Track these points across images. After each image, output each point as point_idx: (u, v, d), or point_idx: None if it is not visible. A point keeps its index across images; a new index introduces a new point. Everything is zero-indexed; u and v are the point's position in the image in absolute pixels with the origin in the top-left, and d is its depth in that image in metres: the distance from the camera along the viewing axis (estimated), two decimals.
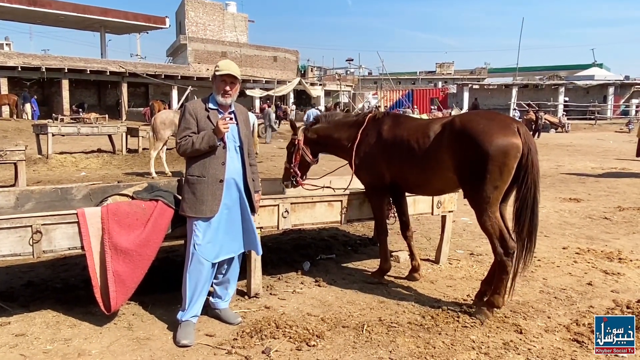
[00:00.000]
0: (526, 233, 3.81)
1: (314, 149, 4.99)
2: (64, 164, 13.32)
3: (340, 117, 5.02)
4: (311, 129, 4.96)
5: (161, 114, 11.80)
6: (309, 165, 5.03)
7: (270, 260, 5.08)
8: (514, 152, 3.63)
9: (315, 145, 4.98)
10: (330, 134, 4.89)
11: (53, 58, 34.12)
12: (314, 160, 5.03)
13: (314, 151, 5.00)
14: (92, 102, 38.37)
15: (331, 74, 52.98)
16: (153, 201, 3.73)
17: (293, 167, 4.95)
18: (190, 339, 3.44)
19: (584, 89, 44.63)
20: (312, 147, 4.97)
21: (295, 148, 4.96)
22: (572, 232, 6.82)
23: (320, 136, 4.93)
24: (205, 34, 43.99)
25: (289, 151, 5.08)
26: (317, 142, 4.95)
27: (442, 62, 65.62)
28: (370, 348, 3.38)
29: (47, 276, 4.74)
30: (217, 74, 3.60)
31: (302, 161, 4.96)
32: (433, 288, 4.58)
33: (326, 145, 4.95)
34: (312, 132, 4.95)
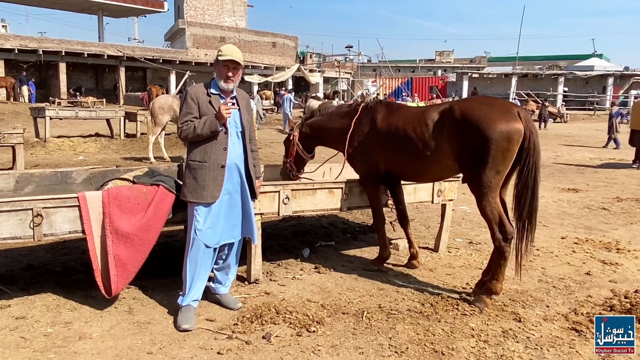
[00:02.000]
0: (526, 215, 3.84)
1: (309, 143, 5.05)
2: (61, 148, 13.26)
3: (333, 109, 5.04)
4: (305, 124, 5.03)
5: (159, 98, 11.74)
6: (304, 160, 5.13)
7: (270, 247, 5.08)
8: (517, 137, 3.64)
9: (311, 140, 5.04)
10: (324, 126, 4.91)
11: (50, 41, 33.81)
12: (309, 157, 5.12)
13: (310, 146, 5.07)
14: (90, 86, 38.10)
15: (330, 61, 52.69)
16: (154, 186, 3.72)
17: (289, 162, 5.07)
18: (191, 323, 3.45)
19: (584, 79, 44.54)
20: (308, 142, 5.03)
21: (291, 144, 5.04)
22: (571, 222, 6.84)
23: (315, 130, 4.98)
24: (203, 19, 43.63)
25: (286, 146, 5.17)
26: (312, 136, 5.01)
27: (441, 50, 65.21)
28: (370, 334, 3.40)
29: (46, 259, 4.73)
30: (220, 59, 3.57)
31: (297, 157, 5.06)
32: (432, 276, 4.60)
33: (321, 138, 5.00)
34: (306, 127, 5.02)
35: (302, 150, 5.01)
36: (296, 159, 5.07)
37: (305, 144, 5.02)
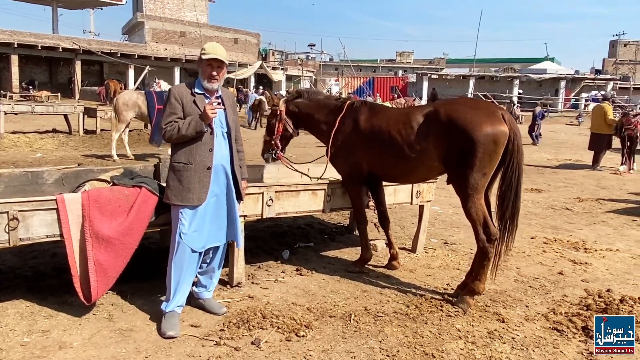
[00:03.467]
0: (509, 215, 3.93)
1: (294, 122, 4.84)
2: (17, 144, 12.70)
3: (322, 98, 4.91)
4: (293, 102, 4.81)
5: (124, 94, 11.39)
6: (290, 137, 4.92)
7: (249, 249, 4.99)
8: (503, 139, 3.71)
9: (295, 119, 4.83)
10: (311, 113, 4.76)
11: (1, 32, 32.30)
12: (295, 132, 4.91)
13: (295, 123, 4.85)
14: (43, 80, 36.70)
15: (293, 59, 52.57)
16: (136, 187, 3.59)
17: (274, 139, 4.80)
18: (176, 330, 3.35)
19: (537, 82, 46.06)
20: (295, 120, 4.83)
21: (277, 119, 4.78)
22: (538, 222, 7.04)
23: (302, 112, 4.79)
24: (163, 13, 42.74)
25: (269, 122, 4.91)
26: (298, 116, 4.82)
27: (402, 51, 66.29)
28: (360, 338, 3.39)
29: (14, 264, 4.50)
30: (204, 57, 3.47)
31: (284, 133, 4.82)
32: (413, 277, 4.64)
33: (306, 122, 4.84)
34: (293, 106, 4.80)
35: (290, 124, 4.78)
36: (283, 136, 4.82)
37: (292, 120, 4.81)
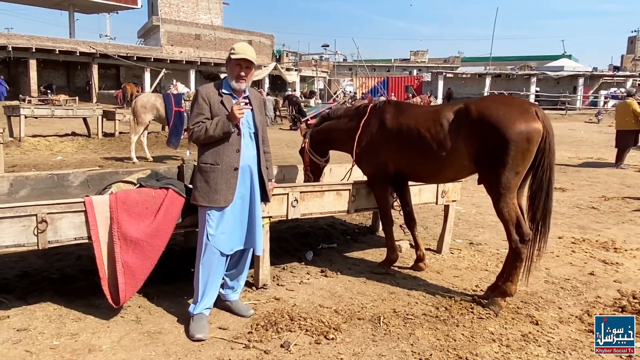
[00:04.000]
0: (540, 216, 3.84)
1: (321, 148, 5.06)
2: (37, 148, 12.82)
3: (342, 111, 5.02)
4: (315, 130, 5.05)
5: (142, 97, 11.44)
6: (320, 166, 5.13)
7: (272, 250, 4.93)
8: (536, 137, 3.61)
9: (322, 144, 5.04)
10: (333, 129, 4.92)
11: (20, 37, 32.76)
12: (323, 161, 5.11)
13: (323, 150, 5.07)
14: (61, 84, 37.08)
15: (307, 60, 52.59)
16: (163, 189, 3.56)
17: (306, 172, 5.16)
18: (205, 332, 3.31)
19: (555, 80, 45.43)
20: (319, 147, 5.05)
21: (304, 152, 5.15)
22: (564, 221, 6.90)
23: (324, 134, 5.00)
24: (178, 16, 42.97)
25: (301, 156, 5.26)
26: (322, 140, 5.03)
27: (416, 50, 66.01)
28: (391, 341, 3.32)
29: (40, 266, 4.51)
30: (232, 57, 3.43)
31: (312, 164, 5.09)
32: (440, 278, 4.55)
33: (330, 141, 4.99)
34: (317, 134, 5.04)
35: (315, 156, 5.04)
36: (311, 166, 5.09)
37: (317, 150, 5.04)
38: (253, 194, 3.54)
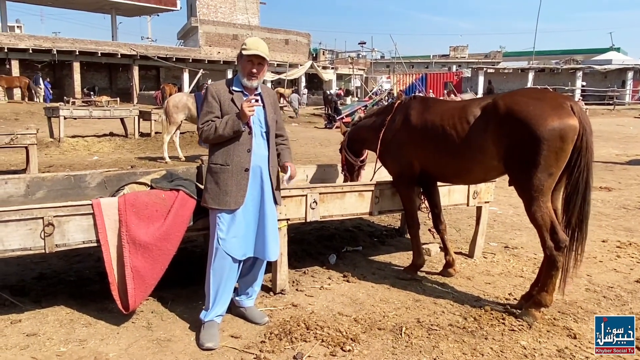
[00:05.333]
0: (576, 222, 3.48)
1: (355, 147, 4.98)
2: (76, 148, 13.09)
3: (376, 109, 4.99)
4: (351, 129, 5.02)
5: (174, 97, 11.49)
6: (354, 166, 5.02)
7: (294, 253, 4.78)
8: (572, 135, 3.27)
9: (356, 143, 4.96)
10: (363, 126, 4.85)
11: (64, 40, 33.87)
12: (358, 161, 4.99)
13: (357, 150, 4.98)
14: (104, 85, 38.17)
15: (343, 58, 52.31)
16: (174, 191, 3.44)
17: (343, 172, 5.11)
18: (215, 341, 3.16)
19: (602, 74, 43.58)
20: (354, 146, 4.98)
21: (341, 151, 5.13)
22: (609, 223, 6.46)
23: (357, 132, 4.95)
24: (216, 16, 43.50)
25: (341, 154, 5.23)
26: (356, 140, 4.95)
27: (456, 46, 64.43)
28: (412, 354, 3.08)
29: (59, 268, 4.48)
30: (244, 53, 3.27)
31: (347, 163, 5.02)
32: (470, 285, 4.27)
33: (362, 140, 4.87)
34: (352, 133, 4.99)
35: (350, 155, 4.96)
36: (347, 165, 5.03)
37: (352, 148, 4.96)
38: (263, 197, 3.36)
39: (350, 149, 4.97)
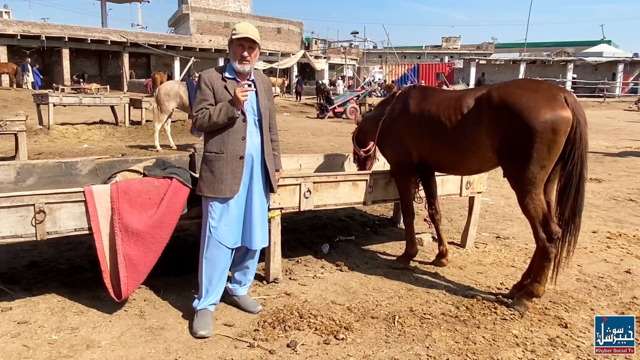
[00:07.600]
0: (569, 214, 3.48)
1: (362, 138, 5.02)
2: (65, 135, 12.94)
3: (381, 100, 5.10)
4: (361, 120, 5.10)
5: (165, 85, 11.36)
6: (360, 156, 5.08)
7: (287, 242, 4.77)
8: (564, 127, 3.25)
9: (363, 134, 4.99)
10: (369, 117, 4.90)
11: (53, 27, 33.37)
12: (361, 152, 5.02)
13: (364, 141, 5.02)
14: (93, 73, 37.77)
15: (335, 47, 52.11)
16: (167, 179, 3.41)
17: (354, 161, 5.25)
18: (208, 329, 3.15)
19: (593, 66, 43.84)
20: (360, 137, 5.04)
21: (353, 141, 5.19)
22: (599, 214, 6.51)
23: (363, 122, 5.00)
24: (208, 4, 43.02)
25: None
26: (361, 130, 5.01)
27: (448, 37, 64.38)
28: (405, 343, 3.10)
29: (50, 255, 4.44)
30: (234, 37, 3.22)
31: (355, 154, 5.13)
32: (463, 274, 4.29)
33: (366, 131, 4.89)
34: (360, 123, 5.06)
35: (355, 145, 5.04)
36: (355, 155, 5.14)
37: (358, 139, 5.03)
38: (251, 185, 3.33)
39: (357, 139, 5.05)
